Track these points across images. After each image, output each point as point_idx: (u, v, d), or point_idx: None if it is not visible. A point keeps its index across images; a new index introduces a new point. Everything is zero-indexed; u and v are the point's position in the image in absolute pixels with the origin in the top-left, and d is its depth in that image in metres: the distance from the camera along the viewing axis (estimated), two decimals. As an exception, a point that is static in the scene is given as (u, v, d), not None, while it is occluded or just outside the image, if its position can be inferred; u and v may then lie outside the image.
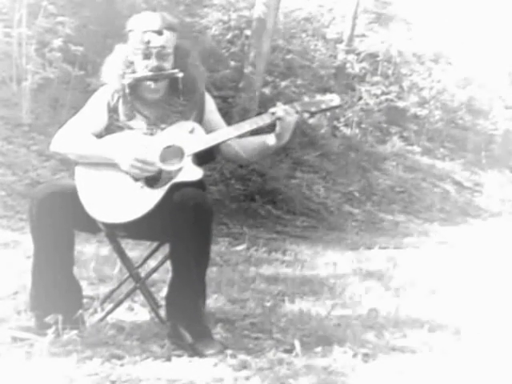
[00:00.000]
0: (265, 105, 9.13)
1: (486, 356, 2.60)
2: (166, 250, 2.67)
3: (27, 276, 2.57)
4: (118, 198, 2.50)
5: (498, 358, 2.59)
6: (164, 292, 2.75)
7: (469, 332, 2.97)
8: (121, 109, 2.64)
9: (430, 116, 14.03)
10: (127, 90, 2.61)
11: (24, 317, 2.65)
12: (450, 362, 2.51)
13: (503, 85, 15.84)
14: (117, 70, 2.62)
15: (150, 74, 2.57)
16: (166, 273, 3.00)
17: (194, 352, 2.39)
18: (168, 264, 2.60)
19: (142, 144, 2.53)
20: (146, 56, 2.57)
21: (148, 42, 2.55)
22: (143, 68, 2.58)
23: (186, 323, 2.46)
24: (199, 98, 2.71)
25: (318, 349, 2.55)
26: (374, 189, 11.00)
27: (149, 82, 2.59)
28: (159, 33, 2.55)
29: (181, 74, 2.60)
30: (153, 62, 2.57)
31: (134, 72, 2.60)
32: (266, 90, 10.52)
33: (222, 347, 2.44)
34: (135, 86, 2.61)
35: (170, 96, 2.68)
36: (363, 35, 13.53)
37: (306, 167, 10.26)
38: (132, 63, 2.61)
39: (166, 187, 2.50)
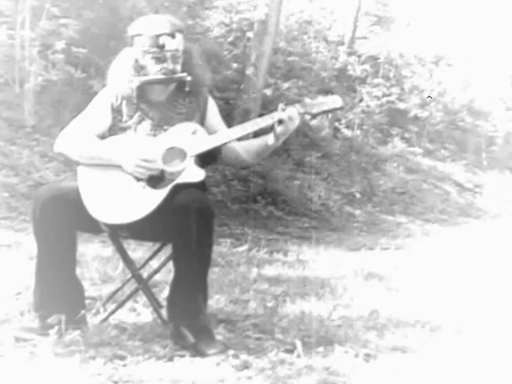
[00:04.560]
0: (266, 106, 9.17)
1: (486, 356, 2.61)
2: (168, 251, 2.68)
3: (30, 277, 2.58)
4: (121, 199, 2.51)
5: (499, 358, 2.60)
6: (166, 293, 2.76)
7: (470, 332, 2.98)
8: (124, 110, 2.65)
9: (431, 118, 14.06)
10: (135, 93, 2.62)
11: (27, 317, 2.66)
12: (450, 362, 2.52)
13: (504, 87, 15.86)
14: (125, 73, 2.62)
15: (162, 77, 2.59)
16: (168, 273, 3.01)
17: (196, 352, 2.40)
18: (170, 265, 2.61)
19: (145, 145, 2.54)
20: (160, 60, 2.57)
21: (163, 46, 2.56)
22: (157, 71, 2.58)
23: (188, 323, 2.47)
24: (202, 101, 2.73)
25: (320, 349, 2.55)
26: (375, 190, 11.02)
27: (159, 85, 2.61)
28: (173, 36, 2.57)
29: (189, 78, 2.61)
30: (168, 66, 2.58)
31: (144, 75, 2.60)
32: (268, 92, 10.55)
33: (223, 347, 2.46)
34: (142, 88, 2.62)
35: (174, 98, 2.69)
36: (364, 37, 13.56)
37: (308, 168, 10.28)
38: (143, 67, 2.61)
39: (168, 188, 2.51)
